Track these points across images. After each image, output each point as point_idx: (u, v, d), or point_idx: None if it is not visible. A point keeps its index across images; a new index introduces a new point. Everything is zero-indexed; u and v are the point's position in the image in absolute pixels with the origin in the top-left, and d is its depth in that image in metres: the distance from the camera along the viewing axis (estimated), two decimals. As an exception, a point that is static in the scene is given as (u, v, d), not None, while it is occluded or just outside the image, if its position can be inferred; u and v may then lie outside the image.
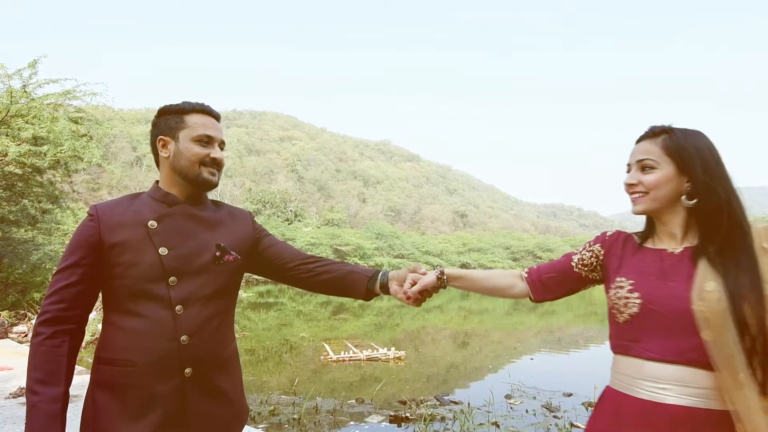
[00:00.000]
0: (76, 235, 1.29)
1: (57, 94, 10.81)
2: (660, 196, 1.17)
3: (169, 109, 1.41)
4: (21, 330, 9.71)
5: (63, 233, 17.48)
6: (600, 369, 6.99)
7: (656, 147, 1.18)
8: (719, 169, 1.15)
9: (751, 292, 1.03)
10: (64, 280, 1.24)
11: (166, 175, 1.40)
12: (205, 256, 1.36)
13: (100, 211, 1.30)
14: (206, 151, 1.38)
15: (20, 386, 4.97)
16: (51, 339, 1.20)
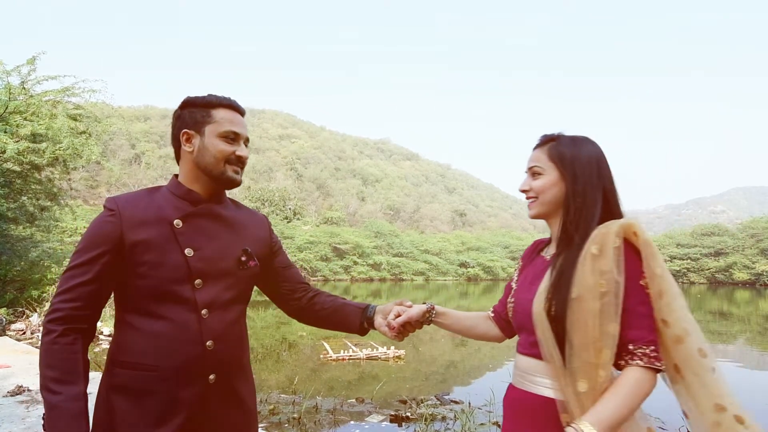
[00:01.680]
0: (93, 229, 1.20)
1: (56, 91, 10.77)
2: (546, 201, 1.24)
3: (195, 101, 1.33)
4: (19, 328, 9.67)
5: (61, 230, 17.49)
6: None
7: (544, 154, 1.25)
8: (590, 177, 1.20)
9: (556, 294, 1.12)
10: (78, 277, 1.17)
11: (189, 170, 1.33)
12: (229, 260, 1.33)
13: (120, 206, 1.21)
14: (232, 149, 1.32)
15: (18, 384, 4.94)
16: (63, 337, 1.14)
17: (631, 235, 1.12)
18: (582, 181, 1.19)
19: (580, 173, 1.20)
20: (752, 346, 13.45)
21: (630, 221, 1.13)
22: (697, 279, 58.61)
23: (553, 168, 1.22)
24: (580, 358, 1.06)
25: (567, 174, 1.21)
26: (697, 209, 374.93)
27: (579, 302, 1.08)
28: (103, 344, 9.04)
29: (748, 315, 22.35)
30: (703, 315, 21.82)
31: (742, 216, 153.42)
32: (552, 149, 1.24)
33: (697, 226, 67.85)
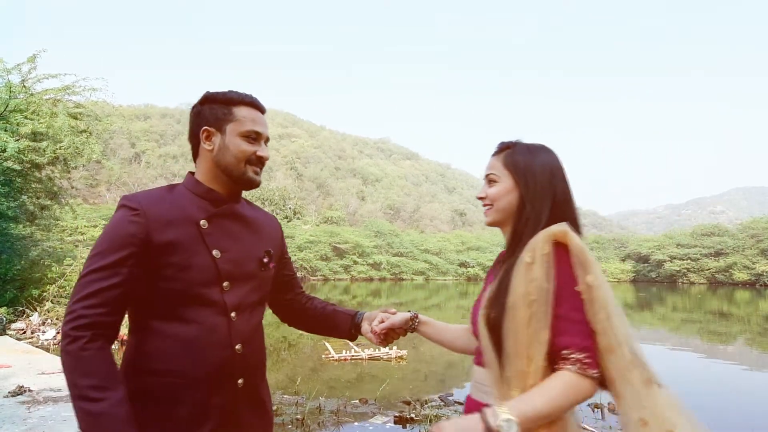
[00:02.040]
0: (115, 230, 1.12)
1: (56, 89, 10.74)
2: (500, 208, 1.23)
3: (216, 97, 1.29)
4: (19, 327, 9.64)
5: (61, 229, 17.42)
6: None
7: (499, 162, 1.25)
8: (541, 186, 1.19)
9: (495, 302, 1.13)
10: (103, 280, 1.08)
11: (208, 169, 1.29)
12: (253, 261, 1.31)
13: (144, 205, 1.14)
14: (253, 149, 1.28)
15: (19, 384, 4.91)
16: (93, 342, 1.05)
17: (567, 242, 1.10)
18: (533, 190, 1.19)
19: (532, 181, 1.19)
20: (752, 347, 13.46)
21: (559, 228, 1.11)
22: (697, 279, 58.57)
23: (507, 176, 1.23)
24: (514, 366, 1.07)
25: (520, 182, 1.21)
26: (697, 209, 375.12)
27: (513, 310, 1.08)
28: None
29: (748, 315, 22.39)
30: (703, 315, 21.90)
31: (742, 216, 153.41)
32: (507, 157, 1.25)
33: (697, 227, 67.84)
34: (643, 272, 64.33)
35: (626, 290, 44.30)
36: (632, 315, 21.69)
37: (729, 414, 6.49)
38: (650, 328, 17.25)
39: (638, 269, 65.27)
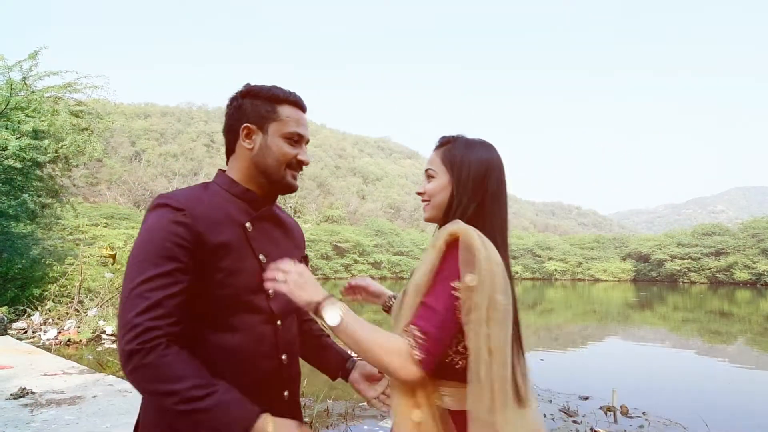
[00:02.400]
0: (163, 232, 1.01)
1: (57, 87, 10.66)
2: (437, 205, 1.21)
3: (260, 92, 1.20)
4: (20, 326, 9.56)
5: (62, 228, 17.33)
6: (611, 371, 6.81)
7: (437, 157, 1.23)
8: (474, 183, 1.17)
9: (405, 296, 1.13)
10: (165, 288, 0.98)
11: (245, 168, 1.20)
12: None
13: (188, 204, 1.05)
14: (295, 152, 1.21)
15: (21, 386, 4.83)
16: (169, 348, 0.97)
17: (460, 239, 1.07)
18: (464, 186, 1.17)
19: (465, 177, 1.17)
20: (752, 347, 13.42)
21: (459, 227, 1.08)
22: (698, 279, 58.50)
23: (444, 171, 1.20)
24: None
25: (453, 178, 1.19)
26: (697, 209, 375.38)
27: (404, 295, 1.12)
28: (106, 344, 8.92)
29: (749, 315, 22.33)
30: (704, 315, 21.88)
31: (742, 216, 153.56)
32: (446, 152, 1.22)
33: (698, 226, 67.74)
34: (644, 271, 64.23)
35: (627, 289, 44.24)
36: (633, 314, 21.73)
37: (730, 413, 6.44)
38: (651, 328, 17.29)
39: (639, 268, 65.16)
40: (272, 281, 1.05)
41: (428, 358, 1.01)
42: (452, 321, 1.03)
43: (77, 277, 10.60)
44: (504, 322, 1.03)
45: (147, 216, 1.07)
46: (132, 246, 1.06)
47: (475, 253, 1.03)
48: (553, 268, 65.88)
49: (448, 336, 1.04)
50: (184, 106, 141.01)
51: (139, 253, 1.01)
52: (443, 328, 1.03)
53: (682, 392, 7.41)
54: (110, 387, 5.06)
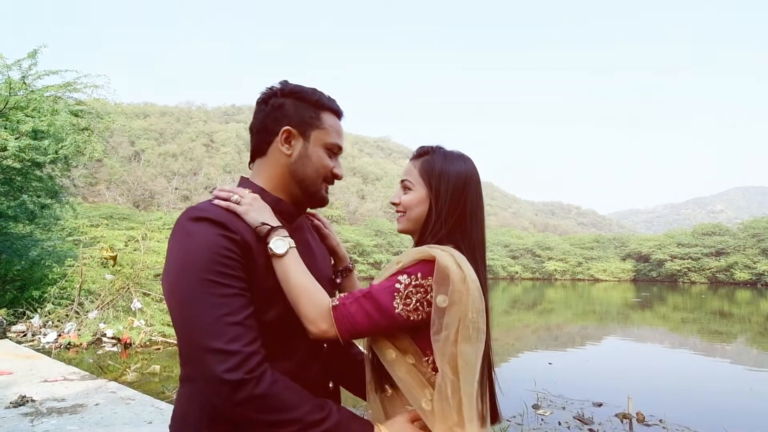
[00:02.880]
0: (216, 248, 0.91)
1: (57, 86, 10.50)
2: (413, 217, 1.18)
3: (304, 94, 1.09)
4: (20, 329, 9.41)
5: (61, 228, 17.15)
6: (620, 373, 6.63)
7: (415, 168, 1.20)
8: (452, 197, 1.15)
9: None
10: (243, 309, 0.91)
11: (278, 176, 1.09)
12: (326, 282, 1.17)
13: (227, 219, 0.96)
14: (332, 165, 1.12)
15: (21, 394, 4.70)
16: (272, 374, 0.91)
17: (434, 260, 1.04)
18: (442, 201, 1.14)
19: (444, 192, 1.15)
20: (752, 347, 13.46)
21: (432, 251, 1.05)
22: (698, 279, 58.46)
23: (421, 184, 1.18)
24: None
25: (432, 192, 1.16)
26: (697, 209, 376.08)
27: None
28: (107, 346, 8.79)
29: (749, 315, 22.39)
30: (704, 315, 21.95)
31: (741, 215, 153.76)
32: (424, 164, 1.19)
33: (698, 226, 67.69)
34: (644, 271, 64.18)
35: (627, 289, 44.19)
36: (637, 315, 21.69)
37: (751, 419, 6.31)
38: (654, 328, 17.31)
39: (639, 268, 65.12)
40: (225, 201, 1.00)
41: (340, 326, 0.99)
42: (384, 306, 1.01)
43: (77, 278, 10.44)
44: (475, 339, 1.02)
45: (182, 231, 0.95)
46: (168, 264, 0.94)
47: (449, 274, 1.01)
48: (553, 268, 65.78)
49: (373, 318, 1.01)
50: (183, 106, 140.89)
51: (193, 272, 0.90)
52: (370, 299, 1.02)
53: (697, 396, 7.30)
54: (112, 394, 4.93)
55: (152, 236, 13.02)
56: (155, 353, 8.47)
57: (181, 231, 0.94)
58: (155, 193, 75.10)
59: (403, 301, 1.01)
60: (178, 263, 0.91)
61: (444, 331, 1.01)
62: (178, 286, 0.90)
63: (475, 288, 1.03)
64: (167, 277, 0.93)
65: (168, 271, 0.93)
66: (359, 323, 1.00)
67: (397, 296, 1.02)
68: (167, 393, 5.81)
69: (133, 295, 10.41)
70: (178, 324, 0.91)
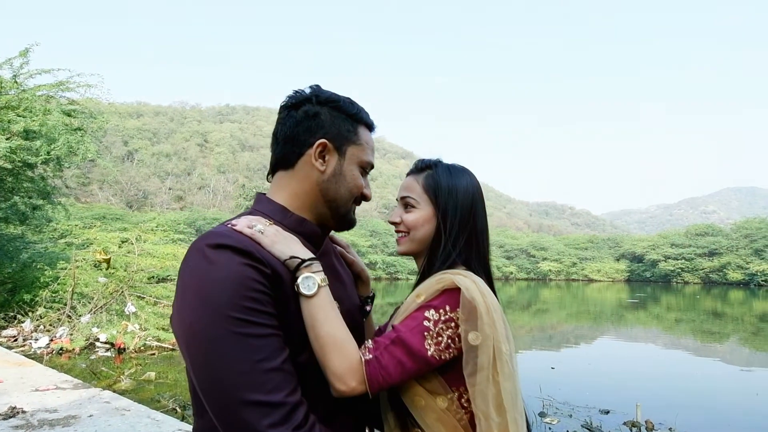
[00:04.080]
0: (242, 279, 0.77)
1: (50, 85, 10.29)
2: (418, 238, 1.10)
3: (342, 104, 0.97)
4: (10, 334, 9.21)
5: (53, 229, 16.92)
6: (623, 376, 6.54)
7: (418, 184, 1.12)
8: (462, 216, 1.08)
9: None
10: (280, 352, 0.79)
11: (306, 193, 0.96)
12: (357, 311, 1.08)
13: (255, 249, 0.82)
14: (363, 184, 1.01)
15: (11, 405, 4.53)
16: (321, 428, 0.82)
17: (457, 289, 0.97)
18: (452, 220, 1.07)
19: (452, 210, 1.07)
20: (744, 346, 13.59)
21: (455, 278, 0.97)
22: (691, 279, 58.85)
23: (427, 202, 1.09)
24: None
25: (440, 210, 1.08)
26: (689, 209, 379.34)
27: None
28: (100, 351, 8.61)
29: (742, 315, 22.68)
30: (698, 315, 22.22)
31: (733, 216, 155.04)
32: (428, 179, 1.11)
33: (691, 227, 68.19)
34: (638, 272, 64.55)
35: (621, 290, 44.40)
36: (627, 315, 21.76)
37: (722, 412, 6.46)
38: (648, 329, 17.51)
39: (633, 269, 65.49)
40: (248, 229, 0.87)
41: (372, 382, 0.88)
42: (416, 350, 0.92)
43: (70, 281, 10.23)
44: (512, 373, 0.96)
45: (201, 259, 0.80)
46: (184, 298, 0.79)
47: (477, 307, 0.93)
48: (547, 268, 65.98)
49: (405, 366, 0.91)
50: (177, 106, 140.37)
51: (218, 308, 0.75)
52: (399, 345, 0.92)
53: (704, 400, 7.23)
54: (107, 404, 4.76)
55: (146, 237, 12.84)
56: (150, 359, 8.30)
57: (199, 259, 0.79)
58: (149, 193, 74.67)
59: (435, 340, 0.93)
60: (197, 298, 0.77)
61: (481, 372, 0.93)
62: (199, 326, 0.76)
63: (500, 316, 0.96)
64: (182, 315, 0.78)
65: (183, 308, 0.78)
66: (391, 375, 0.90)
67: (428, 336, 0.93)
68: (163, 402, 5.66)
69: (126, 299, 10.23)
70: (200, 372, 0.76)
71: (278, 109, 1.00)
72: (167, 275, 13.01)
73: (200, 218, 47.58)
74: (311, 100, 0.96)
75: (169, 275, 12.93)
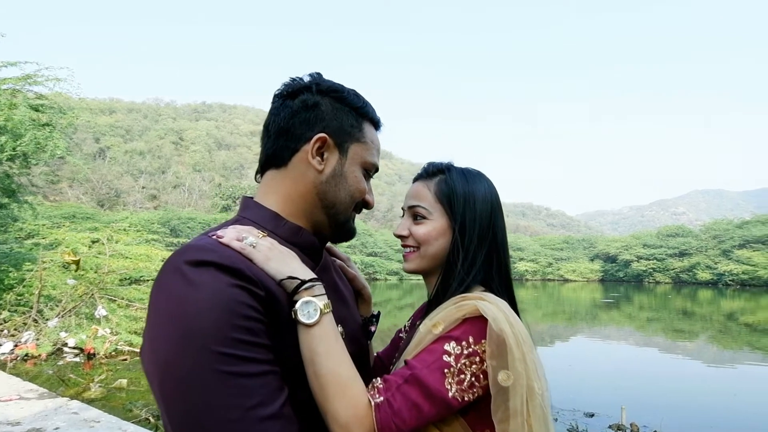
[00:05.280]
0: (230, 304, 0.63)
1: (16, 79, 9.84)
2: (431, 254, 0.96)
3: (345, 96, 0.84)
4: (-27, 340, 8.75)
5: (18, 229, 16.23)
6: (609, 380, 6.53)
7: (429, 192, 0.98)
8: (480, 229, 0.95)
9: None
10: (278, 393, 0.65)
11: (301, 197, 0.82)
12: (361, 334, 0.95)
13: (245, 266, 0.68)
14: (366, 188, 0.87)
15: (-30, 417, 4.25)
16: None
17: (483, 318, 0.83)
18: (470, 233, 0.94)
19: (471, 222, 0.94)
20: (712, 344, 14.00)
21: (480, 304, 0.83)
22: (662, 279, 60.31)
23: (440, 212, 0.96)
24: None
25: (456, 222, 0.95)
26: (660, 210, 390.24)
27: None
28: (68, 357, 8.25)
29: (710, 314, 23.44)
30: (668, 314, 22.84)
31: (702, 217, 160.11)
32: (441, 185, 0.97)
33: (663, 228, 69.96)
34: (611, 272, 65.86)
35: (595, 290, 45.28)
36: (601, 314, 22.19)
37: (703, 413, 6.55)
38: (617, 326, 17.98)
39: (606, 269, 66.79)
40: (237, 242, 0.72)
41: (383, 429, 0.75)
42: (435, 391, 0.78)
43: (36, 283, 9.80)
44: (545, 417, 0.83)
45: (179, 279, 0.65)
46: (156, 328, 0.64)
47: (507, 340, 0.80)
48: (524, 268, 66.79)
49: (422, 409, 0.78)
50: (151, 102, 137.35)
51: (200, 341, 0.61)
52: (413, 385, 0.78)
53: (685, 402, 7.31)
54: (74, 416, 4.52)
55: (118, 238, 12.41)
56: (121, 364, 7.99)
57: (176, 280, 0.65)
58: (121, 191, 72.84)
59: (456, 378, 0.79)
60: (174, 329, 0.62)
61: (515, 418, 0.80)
62: (176, 364, 0.61)
63: (530, 348, 0.83)
64: (156, 350, 0.63)
65: (157, 341, 0.63)
66: (406, 421, 0.76)
67: (448, 374, 0.79)
68: (135, 411, 5.41)
69: (97, 302, 9.85)
70: (178, 422, 0.61)
71: (272, 98, 0.86)
72: (140, 276, 12.61)
73: (175, 218, 46.61)
74: (310, 89, 0.82)
75: (142, 276, 12.52)
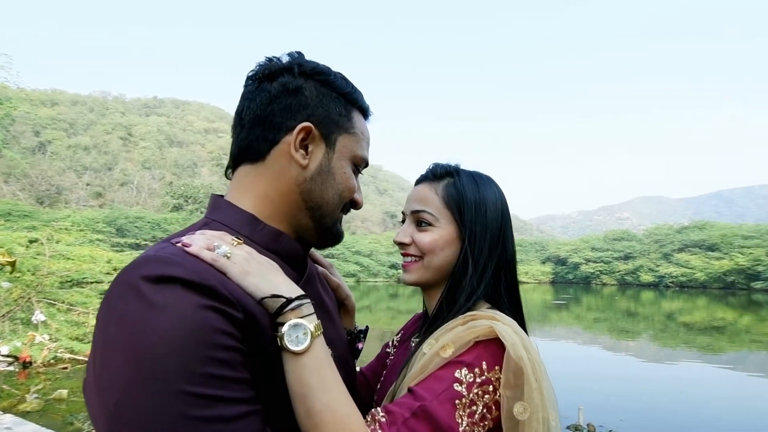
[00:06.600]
0: (196, 340, 0.50)
1: (-56, 64, 9.07)
2: (435, 265, 0.87)
3: (333, 80, 0.72)
4: None
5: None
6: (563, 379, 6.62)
7: (436, 196, 0.89)
8: (491, 238, 0.87)
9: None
10: (246, 421, 0.52)
11: (282, 196, 0.70)
12: (349, 356, 0.87)
13: (217, 282, 0.55)
14: (355, 186, 0.76)
15: None
16: None
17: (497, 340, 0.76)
18: (480, 243, 0.86)
19: (481, 231, 0.86)
20: (654, 342, 14.71)
21: (498, 324, 0.76)
22: (608, 281, 63.01)
23: (448, 218, 0.87)
24: None
25: (466, 230, 0.86)
26: (606, 215, 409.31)
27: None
28: (1, 366, 7.65)
29: (652, 314, 24.71)
30: (614, 314, 23.96)
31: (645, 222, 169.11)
32: (449, 190, 0.88)
33: (609, 232, 73.17)
34: (561, 274, 68.25)
35: (546, 291, 46.82)
36: (552, 315, 23.00)
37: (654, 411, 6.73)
38: (566, 326, 18.63)
39: (557, 271, 69.17)
40: (208, 252, 0.59)
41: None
42: (446, 426, 0.69)
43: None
44: None
45: (136, 301, 0.51)
46: (105, 361, 0.50)
47: (524, 368, 0.73)
48: (479, 270, 68.18)
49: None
50: (98, 95, 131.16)
51: (163, 379, 0.48)
52: (414, 413, 0.69)
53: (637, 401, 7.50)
54: (7, 431, 4.15)
55: (59, 237, 11.68)
56: (61, 373, 7.48)
57: (132, 301, 0.51)
58: (63, 188, 69.03)
59: (468, 410, 0.70)
60: (130, 362, 0.49)
61: None
62: (131, 406, 0.48)
63: (544, 375, 0.75)
64: (104, 388, 0.50)
65: (106, 377, 0.50)
66: None
67: (460, 405, 0.70)
68: (77, 424, 5.05)
69: (34, 306, 9.20)
70: None
71: (244, 80, 0.73)
72: (83, 278, 11.93)
73: (122, 216, 44.59)
74: (292, 70, 0.70)
75: (85, 278, 11.84)
